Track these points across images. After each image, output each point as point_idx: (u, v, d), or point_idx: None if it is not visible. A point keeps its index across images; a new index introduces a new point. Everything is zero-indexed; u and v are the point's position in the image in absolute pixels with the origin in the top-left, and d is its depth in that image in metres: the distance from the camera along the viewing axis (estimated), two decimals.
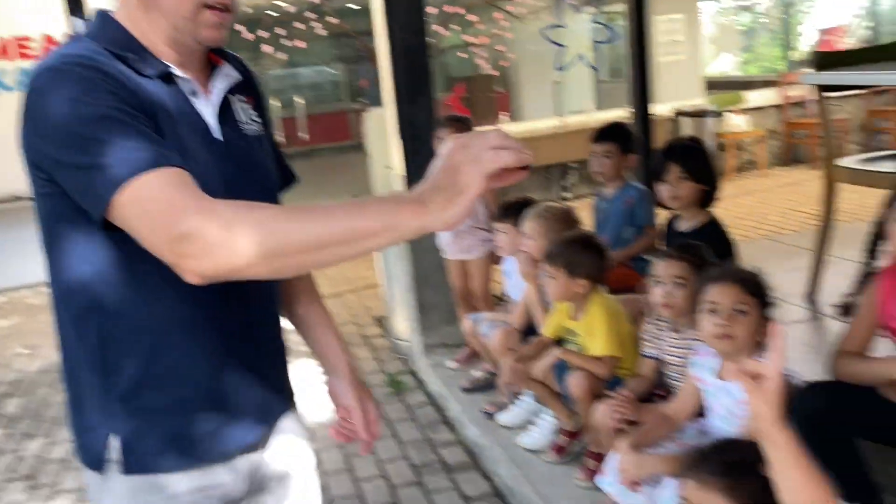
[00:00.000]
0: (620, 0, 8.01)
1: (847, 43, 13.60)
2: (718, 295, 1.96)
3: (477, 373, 3.73)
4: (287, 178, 1.45)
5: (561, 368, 2.79)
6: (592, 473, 2.66)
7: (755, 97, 9.10)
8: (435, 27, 8.46)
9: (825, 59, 3.14)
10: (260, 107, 1.37)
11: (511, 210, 3.33)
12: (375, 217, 0.98)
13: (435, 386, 3.97)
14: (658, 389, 2.55)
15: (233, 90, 1.29)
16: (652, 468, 2.05)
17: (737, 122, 8.64)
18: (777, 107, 9.04)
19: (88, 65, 1.09)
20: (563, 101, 10.04)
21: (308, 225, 0.99)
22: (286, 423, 1.38)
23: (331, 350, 1.50)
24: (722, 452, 1.60)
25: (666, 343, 2.46)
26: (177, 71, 1.19)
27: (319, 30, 9.38)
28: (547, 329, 2.94)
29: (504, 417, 3.29)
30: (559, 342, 2.87)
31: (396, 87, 4.20)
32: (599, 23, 8.45)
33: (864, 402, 1.89)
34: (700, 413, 2.20)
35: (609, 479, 2.26)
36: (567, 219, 3.04)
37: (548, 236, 2.94)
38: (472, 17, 8.51)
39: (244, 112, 1.31)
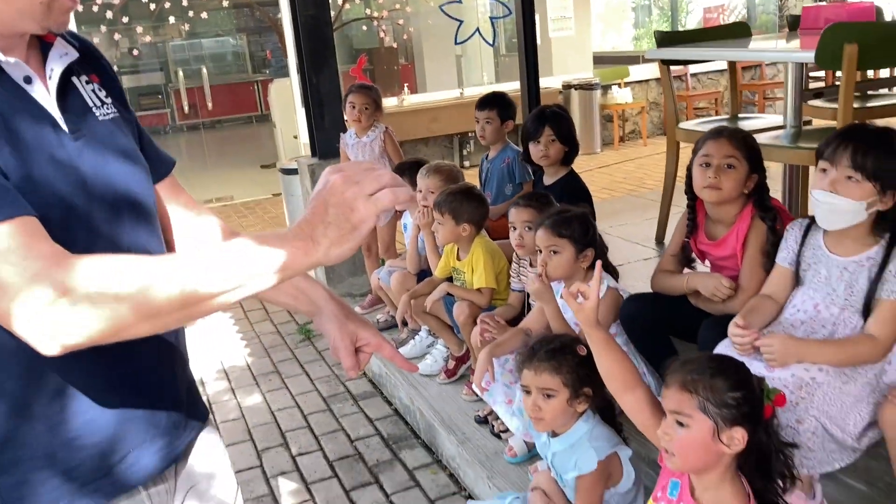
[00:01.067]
0: None
1: (727, 20, 14.54)
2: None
3: (380, 316, 4.18)
4: (163, 165, 1.26)
5: (449, 302, 3.26)
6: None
7: (639, 71, 9.78)
8: (338, 0, 8.76)
9: (666, 38, 3.69)
10: (110, 85, 1.17)
11: (407, 169, 3.76)
12: (263, 261, 0.91)
13: None
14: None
15: (74, 70, 1.10)
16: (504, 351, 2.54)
17: (621, 95, 9.32)
18: (658, 80, 9.78)
19: None
20: (464, 74, 10.49)
21: (187, 278, 0.88)
22: (199, 441, 1.25)
23: (298, 289, 1.34)
24: (546, 343, 2.09)
25: (526, 276, 2.96)
26: (0, 55, 0.98)
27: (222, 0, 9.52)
28: (438, 270, 3.41)
29: (403, 351, 3.75)
30: (449, 280, 3.35)
31: (301, 59, 4.56)
32: None
33: (673, 307, 2.42)
34: None
35: (488, 390, 2.74)
36: (453, 174, 3.50)
37: (438, 190, 3.39)
38: None
39: (93, 94, 1.12)
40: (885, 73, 5.10)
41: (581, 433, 2.07)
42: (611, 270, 2.66)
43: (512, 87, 6.10)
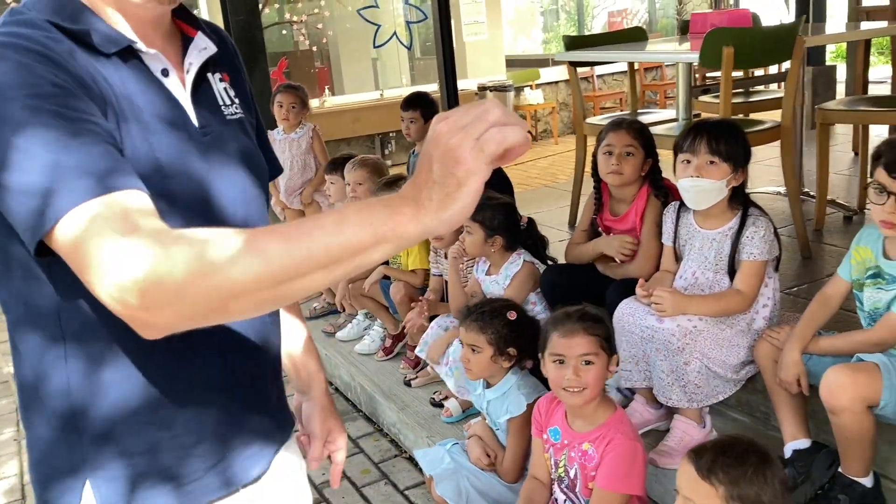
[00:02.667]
0: None
1: (630, 24, 15.26)
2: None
3: (316, 304, 4.43)
4: (273, 170, 1.25)
5: (385, 285, 3.56)
6: (411, 362, 3.46)
7: (549, 73, 10.26)
8: (259, 6, 8.89)
9: (573, 42, 4.08)
10: (239, 84, 1.16)
11: (339, 164, 4.03)
12: (365, 229, 0.80)
13: None
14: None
15: (210, 65, 1.09)
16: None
17: (533, 96, 9.78)
18: (567, 81, 10.28)
19: (26, 46, 0.89)
20: (381, 76, 10.76)
21: (284, 251, 0.80)
22: (284, 453, 1.20)
23: (305, 366, 1.32)
24: (480, 307, 2.43)
25: (442, 263, 3.29)
26: (142, 46, 0.98)
27: None
28: None
29: (342, 333, 4.01)
30: (385, 263, 3.64)
31: None
32: (410, 4, 9.25)
33: (585, 275, 2.79)
34: None
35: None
36: (378, 167, 3.80)
37: (367, 181, 3.68)
38: None
39: (224, 92, 1.11)
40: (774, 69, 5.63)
41: (511, 383, 2.40)
42: (537, 247, 3.03)
43: (428, 88, 6.42)
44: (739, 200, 2.36)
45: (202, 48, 1.07)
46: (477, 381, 2.49)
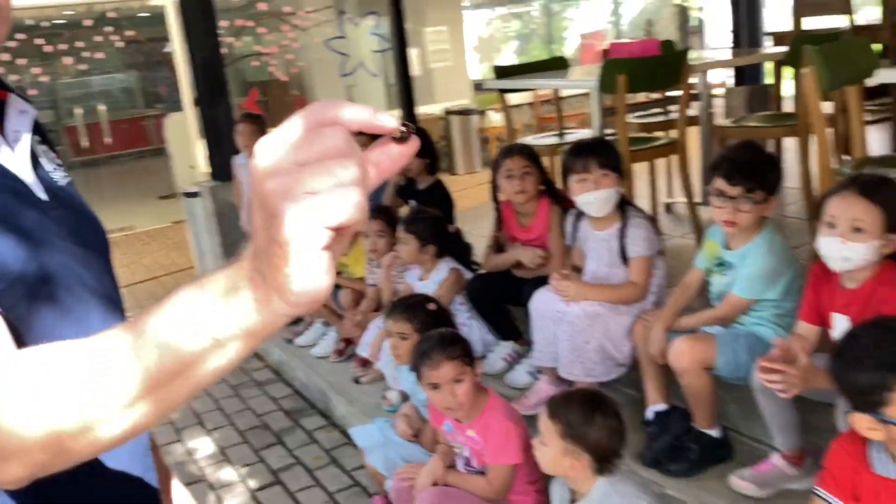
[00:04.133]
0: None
1: (604, 46, 15.82)
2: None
3: None
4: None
5: (336, 292, 3.95)
6: (363, 362, 3.85)
7: (513, 97, 10.72)
8: (229, 39, 9.33)
9: (501, 72, 4.50)
10: (51, 145, 0.99)
11: None
12: (197, 337, 0.60)
13: None
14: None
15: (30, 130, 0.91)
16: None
17: (496, 119, 10.24)
18: (530, 104, 10.75)
19: None
20: (359, 102, 11.20)
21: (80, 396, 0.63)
22: None
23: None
24: (404, 301, 2.83)
25: (377, 274, 3.70)
26: None
27: (115, 39, 9.93)
28: None
29: (300, 339, 4.39)
30: (338, 273, 4.04)
31: (198, 95, 5.18)
32: (376, 34, 9.70)
33: (502, 280, 3.19)
34: None
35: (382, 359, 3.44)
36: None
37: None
38: (262, 30, 9.49)
39: (47, 156, 0.95)
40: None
41: None
42: (464, 255, 3.44)
43: (397, 113, 6.85)
44: (621, 204, 2.77)
45: (21, 111, 0.90)
46: (404, 365, 2.89)
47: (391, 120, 0.56)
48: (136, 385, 0.62)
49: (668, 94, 4.95)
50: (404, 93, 6.71)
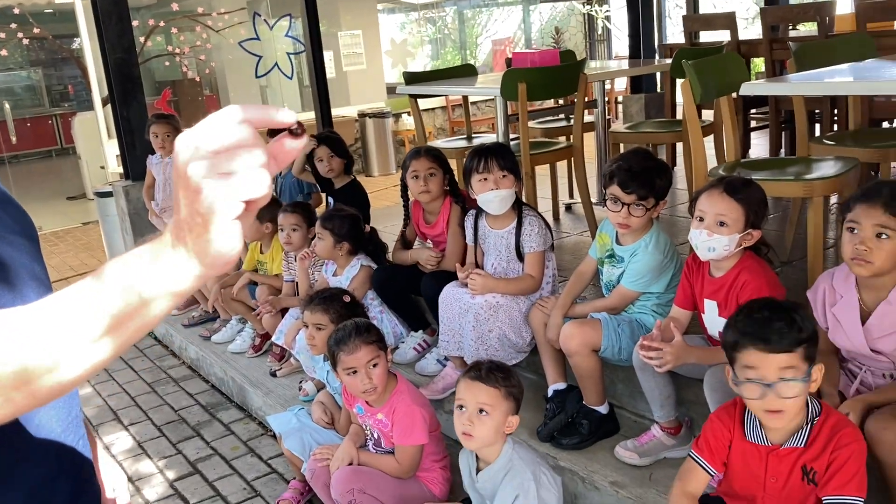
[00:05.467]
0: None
1: (512, 51, 16.23)
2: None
3: (195, 313, 4.87)
4: None
5: (253, 289, 4.06)
6: (277, 356, 3.97)
7: (426, 101, 10.94)
8: (140, 38, 9.23)
9: (411, 77, 4.70)
10: None
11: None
12: (128, 295, 0.71)
13: (160, 329, 5.03)
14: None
15: None
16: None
17: (411, 122, 10.44)
18: (443, 108, 11.00)
19: None
20: (272, 103, 11.19)
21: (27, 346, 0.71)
22: None
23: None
24: (320, 294, 2.99)
25: (293, 269, 3.84)
26: None
27: (20, 36, 9.69)
28: (245, 264, 4.20)
29: (217, 337, 4.47)
30: (255, 270, 4.15)
31: (112, 94, 5.18)
32: (290, 36, 9.76)
33: (406, 271, 3.39)
34: None
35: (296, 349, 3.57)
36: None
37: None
38: (174, 30, 9.43)
39: None
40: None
41: None
42: (378, 253, 3.61)
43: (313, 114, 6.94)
44: (517, 204, 3.01)
45: None
46: (319, 355, 3.04)
47: (289, 116, 0.71)
48: (95, 328, 0.72)
49: (568, 102, 5.24)
50: (319, 95, 6.82)
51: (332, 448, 2.70)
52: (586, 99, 3.95)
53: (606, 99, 4.71)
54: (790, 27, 5.76)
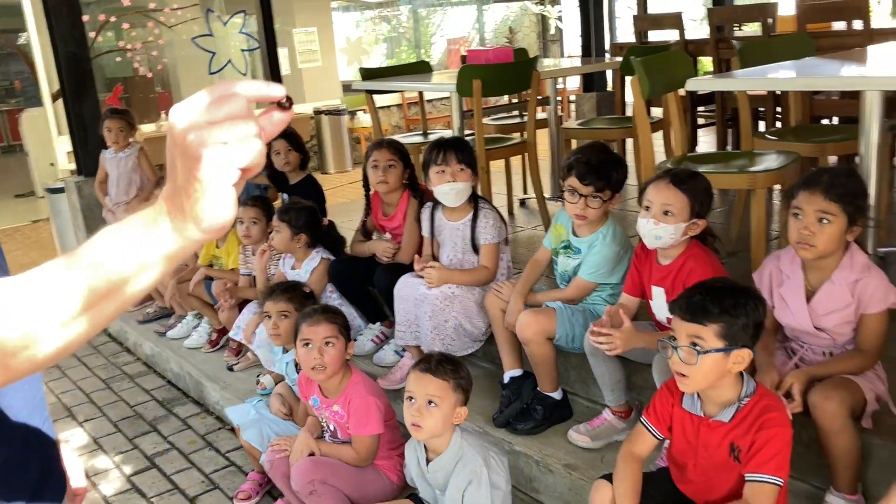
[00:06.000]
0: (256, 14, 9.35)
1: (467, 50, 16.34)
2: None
3: (150, 309, 4.84)
4: None
5: (209, 284, 4.06)
6: (234, 351, 3.98)
7: (382, 99, 10.97)
8: (91, 33, 9.08)
9: (368, 74, 4.74)
10: None
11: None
12: (125, 259, 0.75)
13: (115, 325, 4.99)
14: None
15: None
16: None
17: (366, 119, 10.45)
18: (399, 106, 11.04)
19: None
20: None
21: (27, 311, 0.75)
22: None
23: None
24: (281, 285, 3.03)
25: (251, 263, 3.85)
26: None
27: None
28: (201, 259, 4.19)
29: (172, 332, 4.46)
30: (210, 265, 4.14)
31: (63, 89, 5.12)
32: (244, 32, 9.69)
33: (364, 263, 3.43)
34: None
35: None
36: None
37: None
38: (125, 26, 9.30)
39: None
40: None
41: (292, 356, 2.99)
42: (336, 246, 3.64)
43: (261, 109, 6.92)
44: (473, 197, 3.07)
45: None
46: (279, 348, 3.07)
47: (279, 90, 0.75)
48: (73, 304, 0.75)
49: (523, 99, 5.33)
50: None
51: (291, 439, 2.73)
52: (539, 96, 4.04)
53: (559, 97, 4.81)
54: (735, 27, 5.93)
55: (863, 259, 2.10)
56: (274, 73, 6.82)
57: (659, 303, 2.44)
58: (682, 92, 3.17)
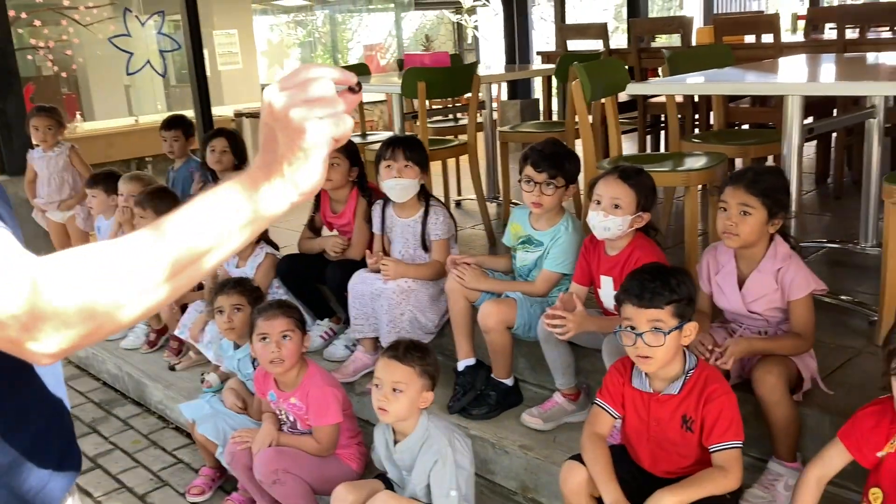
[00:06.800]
0: (179, 14, 9.22)
1: (384, 58, 16.41)
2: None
3: None
4: None
5: None
6: (175, 350, 3.96)
7: None
8: None
9: None
10: None
11: (99, 179, 4.43)
12: (234, 216, 0.86)
13: None
14: None
15: None
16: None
17: None
18: None
19: None
20: (136, 103, 10.84)
21: (157, 258, 0.84)
22: None
23: None
24: (233, 280, 3.05)
25: None
26: None
27: None
28: None
29: None
30: None
31: None
32: (163, 33, 9.54)
33: (312, 260, 3.49)
34: None
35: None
36: (151, 181, 4.28)
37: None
38: (37, 22, 9.01)
39: None
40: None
41: (247, 351, 3.02)
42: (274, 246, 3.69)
43: (185, 114, 6.85)
44: (423, 195, 3.18)
45: None
46: (233, 341, 3.10)
47: (353, 76, 0.89)
48: (157, 274, 0.84)
49: (456, 103, 5.48)
50: (199, 93, 6.73)
51: (252, 431, 2.76)
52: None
53: (495, 103, 4.97)
54: (653, 38, 6.25)
55: (785, 249, 2.33)
56: (199, 75, 6.73)
57: (607, 291, 2.60)
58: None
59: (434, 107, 5.87)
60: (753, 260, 2.34)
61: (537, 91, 7.97)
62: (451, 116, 5.24)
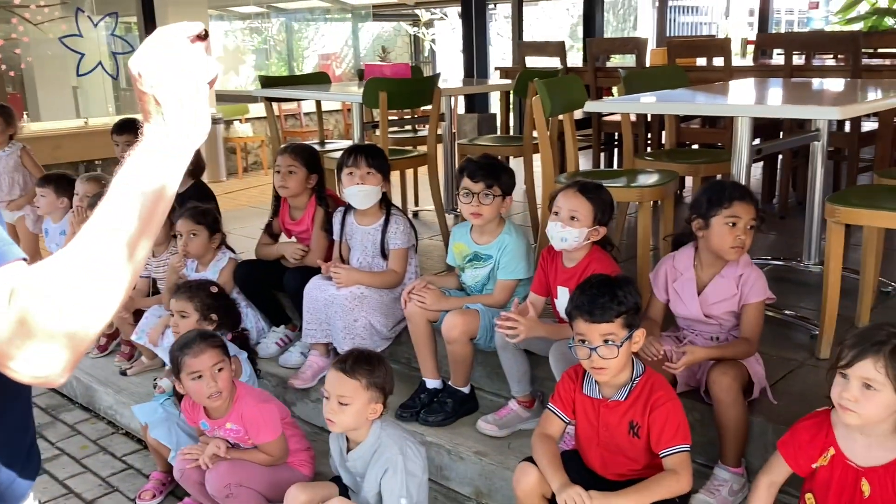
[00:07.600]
0: (133, 15, 9.12)
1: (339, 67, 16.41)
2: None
3: None
4: None
5: None
6: (126, 355, 3.91)
7: (258, 109, 10.88)
8: None
9: (268, 81, 4.80)
10: None
11: (50, 180, 4.37)
12: (157, 165, 0.94)
13: None
14: None
15: None
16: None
17: (242, 129, 10.35)
18: (277, 117, 10.98)
19: None
20: (84, 105, 10.62)
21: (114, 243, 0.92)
22: None
23: None
24: (186, 284, 3.05)
25: (150, 267, 3.82)
26: None
27: None
28: None
29: None
30: None
31: None
32: (115, 35, 9.39)
33: (270, 267, 3.50)
34: None
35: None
36: (107, 182, 4.22)
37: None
38: None
39: None
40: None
41: None
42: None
43: (137, 118, 6.76)
44: (385, 203, 3.22)
45: None
46: None
47: (198, 26, 0.96)
48: (137, 226, 0.93)
49: (415, 114, 5.53)
50: None
51: (200, 447, 2.68)
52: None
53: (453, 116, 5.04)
54: (608, 58, 6.40)
55: (746, 257, 2.46)
56: None
57: (563, 301, 2.65)
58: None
59: (391, 117, 5.92)
60: (715, 266, 2.46)
61: (493, 105, 8.09)
62: (408, 127, 5.28)
